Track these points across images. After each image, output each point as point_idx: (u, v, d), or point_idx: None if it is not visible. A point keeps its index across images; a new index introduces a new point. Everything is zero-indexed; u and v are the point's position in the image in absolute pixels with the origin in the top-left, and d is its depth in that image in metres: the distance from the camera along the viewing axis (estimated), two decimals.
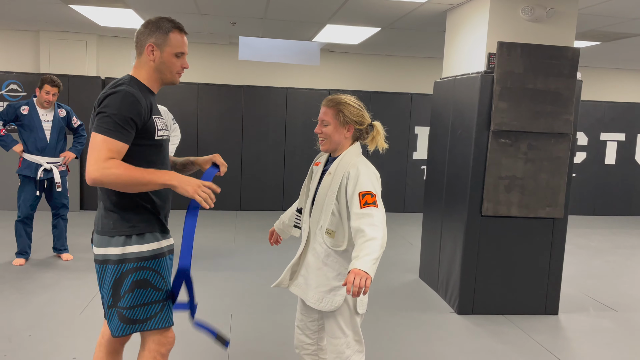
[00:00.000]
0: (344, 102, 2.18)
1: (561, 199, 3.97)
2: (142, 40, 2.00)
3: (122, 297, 1.96)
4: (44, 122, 4.50)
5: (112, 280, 1.97)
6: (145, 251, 1.97)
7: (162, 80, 2.05)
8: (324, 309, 2.17)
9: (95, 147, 1.82)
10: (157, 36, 1.98)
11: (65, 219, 4.80)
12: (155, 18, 2.02)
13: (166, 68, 2.01)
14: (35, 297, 3.93)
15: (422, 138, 7.93)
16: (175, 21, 2.03)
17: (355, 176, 2.08)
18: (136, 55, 2.03)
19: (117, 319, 1.98)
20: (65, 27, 6.79)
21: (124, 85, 1.91)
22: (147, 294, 1.98)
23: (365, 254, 1.89)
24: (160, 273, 2.01)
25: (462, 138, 4.07)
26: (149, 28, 2.00)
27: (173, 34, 1.99)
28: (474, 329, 3.74)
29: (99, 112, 1.86)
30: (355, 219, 2.01)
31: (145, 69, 2.01)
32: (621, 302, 4.44)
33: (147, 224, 1.99)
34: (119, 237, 1.96)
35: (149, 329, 2.00)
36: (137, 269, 1.96)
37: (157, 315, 2.00)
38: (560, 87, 3.85)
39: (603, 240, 6.73)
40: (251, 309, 3.88)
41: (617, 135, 8.34)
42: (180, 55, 2.02)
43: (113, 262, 1.96)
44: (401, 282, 4.74)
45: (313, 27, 5.93)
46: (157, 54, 1.99)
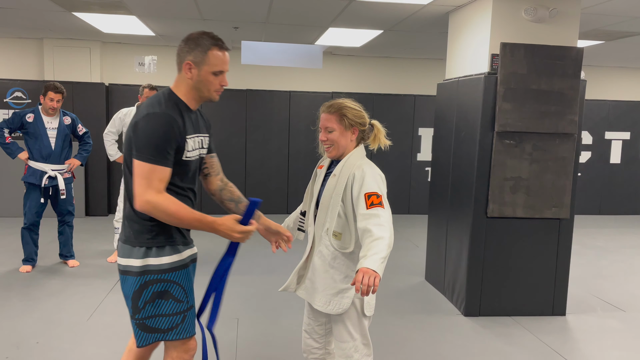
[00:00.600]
0: (345, 105, 2.18)
1: (567, 199, 3.95)
2: (181, 57, 1.96)
3: (143, 308, 1.96)
4: (49, 130, 4.52)
5: (132, 292, 1.97)
6: (166, 263, 1.97)
7: (201, 98, 2.02)
8: (332, 312, 2.17)
9: (144, 175, 1.84)
10: (196, 54, 1.93)
11: (71, 225, 4.81)
12: (196, 34, 1.97)
13: (204, 86, 1.98)
14: (42, 303, 3.94)
15: (425, 140, 7.92)
16: (216, 37, 1.97)
17: (360, 178, 2.09)
18: (177, 70, 2.00)
19: (139, 329, 1.99)
20: (69, 35, 6.82)
21: (161, 105, 1.89)
22: (168, 305, 1.98)
23: (373, 253, 1.89)
24: (182, 284, 2.01)
25: (466, 139, 4.06)
26: (188, 45, 1.95)
27: (212, 51, 1.94)
28: (481, 331, 3.73)
29: (139, 136, 1.84)
30: (362, 219, 2.01)
31: (183, 86, 1.98)
32: (629, 302, 4.42)
33: (168, 236, 1.98)
34: (139, 248, 1.95)
35: (170, 339, 2.01)
36: (158, 280, 1.96)
37: (179, 326, 2.01)
38: (564, 87, 3.84)
39: (609, 240, 6.70)
40: (257, 313, 3.88)
41: (621, 134, 8.30)
42: (219, 73, 1.98)
43: (134, 273, 1.96)
44: (407, 284, 4.73)
45: (315, 31, 5.94)
46: (194, 72, 1.95)
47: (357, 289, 1.80)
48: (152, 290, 1.95)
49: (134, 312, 1.98)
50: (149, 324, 1.98)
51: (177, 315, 2.00)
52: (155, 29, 6.17)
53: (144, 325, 1.98)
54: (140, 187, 1.84)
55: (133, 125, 1.89)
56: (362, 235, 2.00)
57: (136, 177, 1.86)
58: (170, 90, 1.99)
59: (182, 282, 2.01)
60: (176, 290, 1.99)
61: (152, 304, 1.96)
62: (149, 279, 1.95)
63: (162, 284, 1.96)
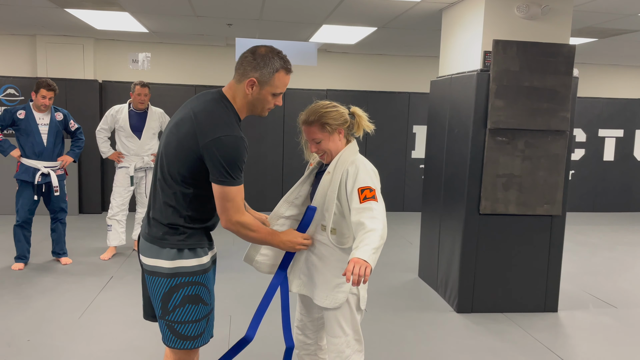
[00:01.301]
0: (321, 113, 2.13)
1: (559, 196, 3.96)
2: (245, 70, 1.92)
3: (172, 311, 1.96)
4: (41, 126, 4.50)
5: (162, 293, 1.96)
6: (196, 265, 1.97)
7: (252, 112, 2.02)
8: (329, 306, 2.18)
9: (230, 198, 1.89)
10: (263, 73, 1.91)
11: (63, 222, 4.80)
12: (266, 50, 1.93)
13: (260, 104, 1.98)
14: (34, 301, 3.93)
15: (420, 137, 7.93)
16: (286, 59, 1.96)
17: (354, 173, 2.09)
18: (234, 77, 1.97)
19: (169, 332, 1.99)
20: (62, 31, 6.79)
21: (231, 126, 1.87)
22: (198, 309, 1.98)
23: (364, 244, 1.90)
24: (208, 287, 2.02)
25: (459, 137, 4.06)
26: (256, 60, 1.91)
27: (279, 74, 1.93)
28: (474, 328, 3.74)
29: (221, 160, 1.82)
30: (356, 213, 2.02)
31: (239, 97, 1.96)
32: (621, 299, 4.44)
33: (199, 239, 1.99)
34: (170, 249, 1.93)
35: (198, 347, 2.02)
36: (189, 283, 1.95)
37: (205, 330, 2.03)
38: (556, 84, 3.85)
39: (602, 237, 6.73)
40: (250, 310, 3.85)
41: (615, 132, 8.34)
42: (278, 95, 1.98)
43: (164, 275, 1.94)
44: (401, 281, 4.74)
45: (309, 28, 5.93)
46: (255, 89, 1.93)
47: (347, 278, 1.80)
48: (183, 293, 1.95)
49: (164, 313, 1.98)
50: (179, 330, 1.98)
51: (204, 319, 2.01)
52: (149, 26, 6.15)
53: (173, 329, 1.98)
54: (231, 209, 1.90)
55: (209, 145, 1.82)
56: (355, 228, 2.01)
57: (223, 200, 1.89)
58: (229, 102, 1.95)
59: (208, 284, 2.03)
60: (204, 293, 2.00)
61: (182, 308, 1.95)
62: (180, 282, 1.94)
63: (193, 287, 1.96)
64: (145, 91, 4.91)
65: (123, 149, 5.01)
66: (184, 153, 1.88)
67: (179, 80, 7.60)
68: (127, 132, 4.96)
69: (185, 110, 1.96)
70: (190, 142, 1.85)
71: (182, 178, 1.91)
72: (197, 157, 1.86)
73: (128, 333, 3.44)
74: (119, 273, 4.65)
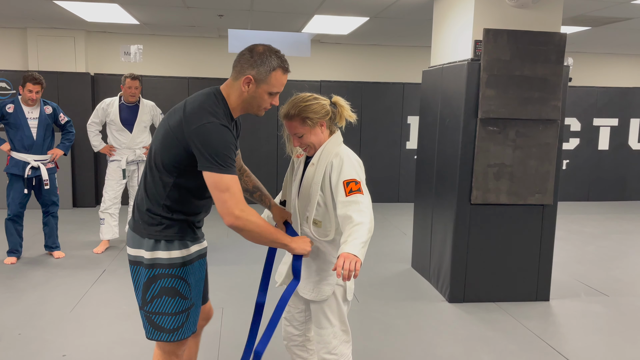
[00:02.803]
0: (301, 107, 2.11)
1: (550, 185, 3.96)
2: (243, 67, 1.92)
3: (150, 301, 1.97)
4: (30, 120, 4.47)
5: (142, 283, 1.98)
6: (174, 257, 1.96)
7: (247, 111, 2.00)
8: (315, 298, 2.18)
9: (227, 188, 1.82)
10: (259, 71, 1.90)
11: (55, 216, 4.78)
12: (263, 48, 1.92)
13: (255, 103, 1.96)
14: (26, 295, 3.92)
15: (414, 128, 7.90)
16: (283, 58, 1.95)
17: (338, 166, 2.07)
18: (231, 75, 1.96)
19: (147, 322, 2.01)
20: (52, 24, 6.73)
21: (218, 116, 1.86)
22: (175, 302, 1.98)
23: (353, 239, 1.89)
24: (187, 280, 2.01)
25: (450, 127, 4.05)
26: (253, 58, 1.90)
27: (276, 73, 1.92)
28: (466, 317, 3.75)
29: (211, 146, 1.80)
30: (342, 207, 2.00)
31: (235, 95, 1.95)
32: (613, 287, 4.46)
33: (177, 231, 1.97)
34: (148, 239, 1.95)
35: (176, 340, 2.01)
36: (167, 275, 1.95)
37: (184, 325, 2.01)
38: (547, 73, 3.83)
39: (596, 226, 6.74)
40: (243, 303, 3.88)
41: (610, 121, 8.33)
42: (274, 94, 1.97)
43: (145, 265, 1.96)
44: (393, 271, 4.75)
45: (301, 18, 5.89)
46: (252, 87, 1.92)
47: (338, 274, 1.80)
48: (160, 285, 1.95)
49: (143, 303, 2.00)
50: (156, 321, 1.99)
51: (182, 313, 2.00)
52: (139, 17, 6.10)
53: (151, 320, 1.99)
54: (229, 201, 1.82)
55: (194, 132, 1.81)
56: (342, 222, 1.99)
57: (218, 191, 1.82)
58: (222, 97, 1.95)
59: (189, 278, 2.01)
60: (182, 287, 1.99)
61: (159, 299, 1.96)
62: (158, 273, 1.95)
63: (170, 279, 1.96)
64: (136, 84, 4.88)
65: (114, 142, 4.98)
66: (169, 141, 1.89)
67: (172, 72, 7.55)
68: (118, 126, 4.93)
69: (180, 103, 2.00)
70: (177, 131, 1.87)
71: (165, 166, 1.91)
72: (182, 146, 1.86)
73: (120, 326, 3.44)
74: (111, 266, 4.64)
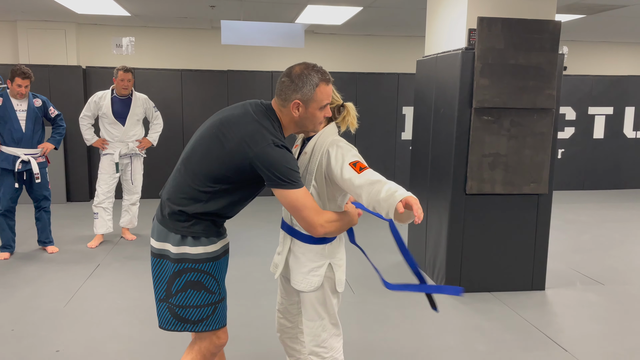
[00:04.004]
0: None
1: (545, 174, 3.95)
2: (288, 95, 1.93)
3: (175, 294, 1.98)
4: (19, 113, 4.42)
5: (167, 277, 1.99)
6: (201, 253, 1.97)
7: (301, 130, 2.03)
8: (304, 289, 2.16)
9: (303, 206, 1.87)
10: (304, 92, 1.91)
11: (47, 211, 4.74)
12: (300, 69, 1.93)
13: (310, 122, 1.98)
14: (19, 290, 3.89)
15: (410, 118, 7.87)
16: (322, 70, 1.95)
17: (336, 154, 2.03)
18: (278, 102, 1.97)
19: (168, 313, 2.01)
20: (43, 16, 6.65)
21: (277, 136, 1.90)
22: (200, 295, 1.99)
23: (397, 187, 1.85)
24: (215, 276, 2.02)
25: (445, 117, 4.03)
26: (294, 82, 1.91)
27: (320, 88, 1.92)
28: (461, 307, 3.75)
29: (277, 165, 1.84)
30: (358, 179, 1.92)
31: (286, 118, 1.97)
32: (608, 276, 4.46)
33: (204, 227, 1.97)
34: (175, 234, 1.95)
35: (200, 331, 2.02)
36: (193, 270, 1.96)
37: (209, 317, 2.02)
38: (542, 61, 3.80)
39: (592, 215, 6.75)
40: (238, 295, 3.86)
41: (605, 109, 8.31)
42: (324, 107, 1.97)
43: (171, 259, 1.97)
44: (389, 262, 4.74)
45: (294, 8, 5.84)
46: (302, 110, 1.93)
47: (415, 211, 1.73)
48: (186, 278, 1.96)
49: (167, 296, 2.00)
50: (180, 313, 2.00)
51: (209, 306, 2.01)
52: (130, 9, 6.02)
53: (174, 312, 2.00)
54: (310, 215, 1.87)
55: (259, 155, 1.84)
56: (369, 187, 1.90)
57: (297, 210, 1.87)
58: (275, 115, 1.97)
59: (216, 273, 2.02)
60: (209, 282, 2.00)
61: (183, 293, 1.97)
62: (184, 267, 1.96)
63: (196, 273, 1.97)
64: (129, 76, 4.83)
65: (107, 135, 4.94)
66: (225, 160, 1.89)
67: (164, 64, 7.49)
68: (110, 119, 4.88)
69: (233, 114, 1.97)
70: (236, 153, 1.87)
71: (210, 178, 1.91)
72: (238, 164, 1.87)
73: (114, 321, 3.42)
74: (106, 261, 4.62)
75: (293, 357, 2.46)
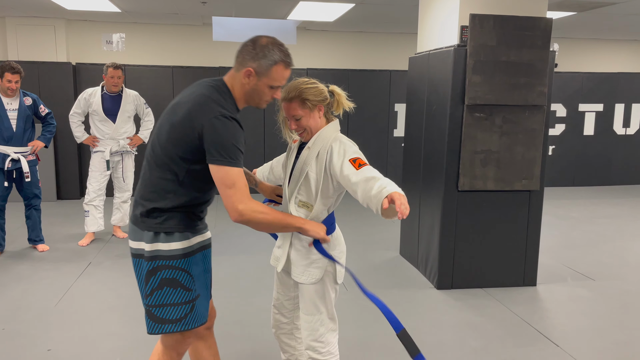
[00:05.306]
0: (302, 88, 2.09)
1: (537, 171, 3.97)
2: (244, 59, 1.89)
3: (150, 294, 1.94)
4: (9, 111, 4.37)
5: (143, 276, 1.96)
6: (175, 249, 1.92)
7: (249, 103, 1.98)
8: (305, 281, 2.16)
9: (233, 183, 1.82)
10: (260, 64, 1.87)
11: (38, 209, 4.70)
12: (266, 40, 1.89)
13: (256, 95, 1.95)
14: (10, 289, 3.86)
15: (402, 115, 7.88)
16: (287, 52, 1.92)
17: (339, 149, 2.06)
18: (234, 66, 1.94)
19: (147, 317, 1.97)
20: (32, 12, 6.57)
21: (226, 108, 1.85)
22: (177, 293, 1.94)
23: (389, 182, 1.86)
24: (190, 272, 1.97)
25: (437, 113, 4.03)
26: (255, 50, 1.88)
27: (277, 67, 1.89)
28: (454, 304, 3.77)
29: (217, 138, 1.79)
30: (356, 176, 1.95)
31: (238, 86, 1.94)
32: (599, 271, 4.50)
33: (177, 223, 1.93)
34: (147, 232, 1.92)
35: (180, 330, 1.97)
36: (167, 267, 1.92)
37: (188, 316, 1.97)
38: (533, 58, 3.82)
39: (582, 211, 6.80)
40: (231, 293, 3.86)
41: (595, 106, 8.37)
42: (276, 87, 1.95)
43: (146, 257, 1.94)
44: (382, 259, 4.75)
45: (286, 5, 5.82)
46: (252, 80, 1.90)
47: (397, 207, 1.74)
48: (161, 276, 1.92)
49: (144, 297, 1.97)
50: (157, 314, 1.95)
51: (186, 304, 1.96)
52: (121, 5, 5.97)
53: (151, 314, 1.96)
54: (234, 196, 1.82)
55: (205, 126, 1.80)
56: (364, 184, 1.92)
57: (224, 187, 1.82)
58: (228, 88, 1.93)
59: (191, 269, 1.97)
60: (185, 279, 1.95)
61: (159, 291, 1.93)
62: (158, 265, 1.92)
63: (171, 270, 1.92)
64: (119, 73, 4.79)
65: (98, 133, 4.90)
66: (177, 135, 1.85)
67: (155, 61, 7.43)
68: (101, 116, 4.84)
69: (183, 94, 1.96)
70: (185, 125, 1.84)
71: (174, 158, 1.87)
72: (192, 139, 1.84)
73: (106, 319, 3.40)
74: (97, 259, 4.59)
75: (288, 353, 2.46)
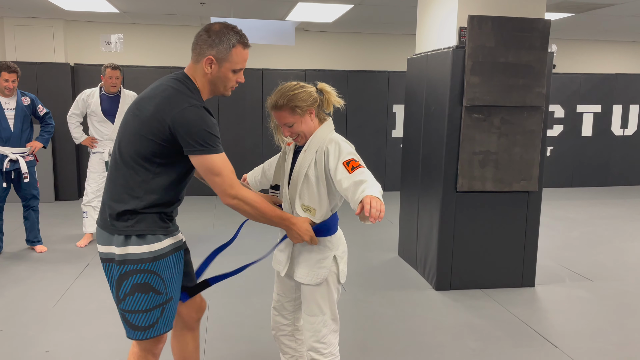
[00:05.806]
0: (289, 96, 2.07)
1: (535, 172, 3.97)
2: (202, 49, 1.89)
3: (123, 299, 1.91)
4: (7, 111, 4.36)
5: (114, 281, 1.93)
6: (145, 252, 1.89)
7: (214, 92, 1.98)
8: (311, 282, 2.16)
9: (219, 171, 1.85)
10: (219, 50, 1.87)
11: (36, 210, 4.69)
12: (220, 27, 1.89)
13: (221, 82, 1.94)
14: (7, 290, 3.85)
15: (400, 116, 7.89)
16: (241, 33, 1.91)
17: (334, 150, 2.05)
18: (192, 58, 1.93)
19: (122, 321, 1.96)
20: (30, 13, 6.57)
21: (194, 98, 1.85)
22: (148, 298, 1.91)
23: (370, 186, 1.85)
24: (161, 275, 1.94)
25: (435, 114, 4.04)
26: (211, 38, 1.87)
27: (236, 49, 1.89)
28: (452, 305, 3.77)
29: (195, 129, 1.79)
30: (347, 180, 1.94)
31: (199, 77, 1.93)
32: (597, 272, 4.51)
33: (148, 224, 1.90)
34: (118, 235, 1.88)
35: (152, 337, 1.96)
36: (138, 271, 1.89)
37: (159, 321, 1.95)
38: (531, 59, 3.82)
39: (580, 212, 6.81)
40: (229, 294, 3.85)
41: (593, 107, 8.39)
42: (238, 71, 1.94)
43: (116, 262, 1.90)
44: (380, 260, 4.75)
45: (284, 6, 5.82)
46: (214, 67, 1.89)
47: (366, 211, 1.73)
48: (132, 281, 1.89)
49: (117, 301, 1.95)
50: (130, 320, 1.93)
51: (156, 309, 1.93)
52: (119, 6, 5.97)
53: (125, 318, 1.94)
54: (224, 183, 1.85)
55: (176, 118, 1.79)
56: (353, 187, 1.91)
57: (211, 174, 1.84)
58: (189, 79, 1.92)
59: (162, 272, 1.94)
60: (156, 282, 1.92)
61: (131, 297, 1.90)
62: (129, 269, 1.88)
63: (142, 274, 1.89)
64: (117, 74, 4.79)
65: (96, 134, 4.89)
66: (146, 132, 1.83)
67: (154, 62, 7.43)
68: (99, 117, 4.84)
69: (147, 90, 1.94)
70: (154, 120, 1.82)
71: (143, 157, 1.85)
72: (162, 134, 1.81)
73: (104, 320, 3.40)
74: (95, 260, 4.58)
75: (288, 354, 2.46)
